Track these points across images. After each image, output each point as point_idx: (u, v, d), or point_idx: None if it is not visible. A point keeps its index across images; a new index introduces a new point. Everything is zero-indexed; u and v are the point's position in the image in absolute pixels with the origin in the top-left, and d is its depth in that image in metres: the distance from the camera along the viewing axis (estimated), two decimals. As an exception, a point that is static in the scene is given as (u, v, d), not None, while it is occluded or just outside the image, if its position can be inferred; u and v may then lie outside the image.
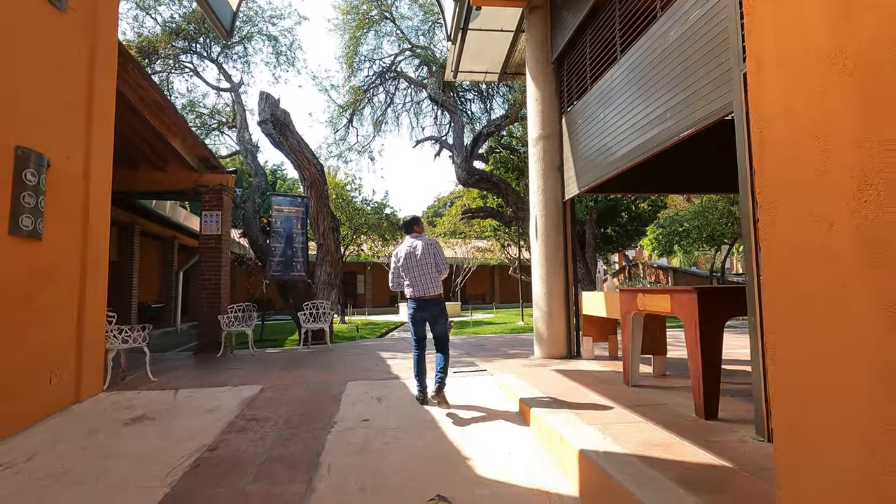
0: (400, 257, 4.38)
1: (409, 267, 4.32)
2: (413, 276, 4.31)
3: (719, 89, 3.29)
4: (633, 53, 4.65)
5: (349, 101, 14.97)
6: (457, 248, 27.30)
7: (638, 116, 4.58)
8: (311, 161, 9.23)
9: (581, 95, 6.05)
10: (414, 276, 4.31)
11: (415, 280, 4.31)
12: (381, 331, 13.91)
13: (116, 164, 8.10)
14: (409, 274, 4.32)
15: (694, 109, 3.62)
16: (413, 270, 4.31)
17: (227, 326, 7.70)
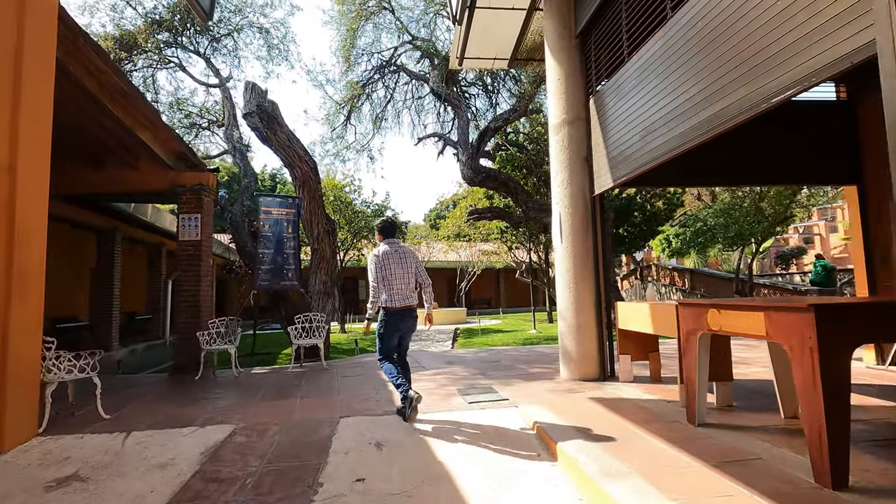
0: (384, 264, 4.14)
1: (395, 275, 4.14)
2: (399, 284, 4.14)
3: (851, 24, 2.35)
4: (695, 4, 3.72)
5: (347, 97, 14.09)
6: (461, 251, 26.37)
7: (702, 84, 3.66)
8: (302, 157, 8.33)
9: (613, 71, 5.13)
10: (399, 285, 4.14)
11: (400, 289, 4.14)
12: (373, 345, 12.96)
13: (78, 161, 7.24)
14: (395, 282, 4.13)
15: (803, 60, 2.68)
16: (399, 279, 4.14)
17: (208, 344, 6.79)
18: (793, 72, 2.76)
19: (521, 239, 16.96)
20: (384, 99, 15.39)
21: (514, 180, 13.24)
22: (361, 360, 8.08)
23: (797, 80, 2.73)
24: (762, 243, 13.12)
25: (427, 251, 26.61)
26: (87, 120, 6.10)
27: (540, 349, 8.71)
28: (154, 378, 6.91)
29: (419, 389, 5.34)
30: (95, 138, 6.51)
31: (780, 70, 2.87)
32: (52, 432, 3.97)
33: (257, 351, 10.80)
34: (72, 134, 6.49)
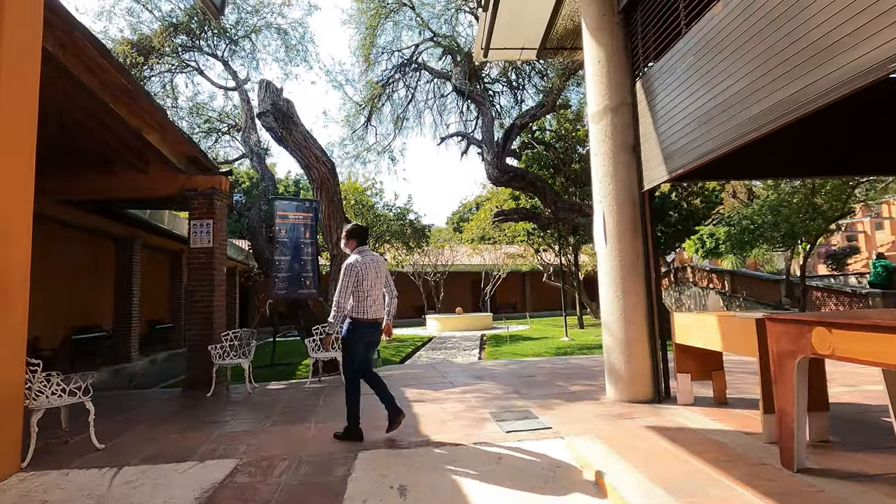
0: (362, 272, 3.90)
1: (371, 285, 3.94)
2: (375, 294, 3.96)
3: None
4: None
5: (367, 98, 13.67)
6: (485, 255, 25.72)
7: (794, 49, 2.98)
8: (319, 158, 7.88)
9: (665, 48, 4.47)
10: (374, 296, 3.96)
11: (374, 299, 3.96)
12: (407, 350, 12.45)
13: (87, 166, 6.91)
14: (370, 292, 3.93)
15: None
16: (374, 289, 3.96)
17: (220, 358, 6.35)
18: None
19: (549, 241, 16.24)
20: (405, 99, 14.94)
21: (543, 179, 12.57)
22: (383, 372, 7.53)
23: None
24: (815, 241, 12.09)
25: (451, 255, 26.07)
26: (91, 122, 5.76)
27: (576, 361, 8.01)
28: (165, 394, 6.51)
29: (447, 410, 4.78)
30: (102, 141, 6.17)
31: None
32: (37, 466, 3.53)
33: (277, 362, 10.39)
34: (77, 137, 6.17)
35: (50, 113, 5.61)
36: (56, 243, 10.71)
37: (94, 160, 6.72)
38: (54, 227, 10.16)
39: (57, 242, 10.72)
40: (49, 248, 10.60)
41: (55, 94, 5.20)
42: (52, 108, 5.50)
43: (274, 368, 9.80)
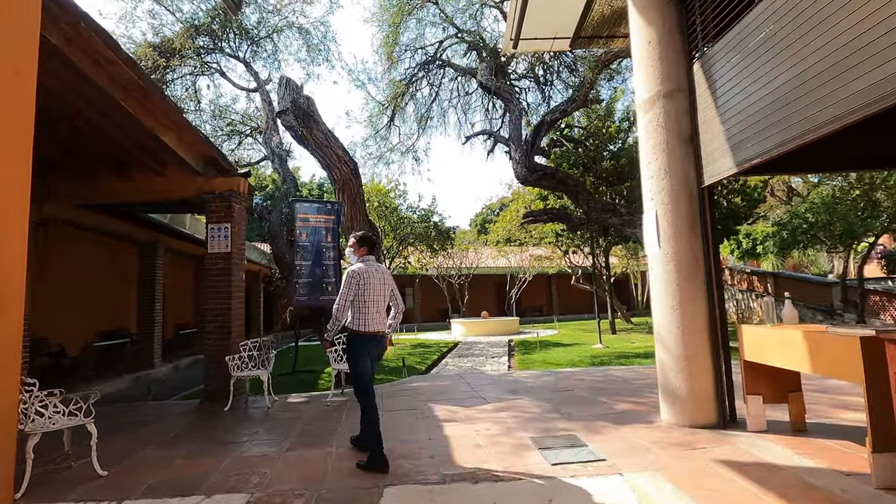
0: (366, 281, 3.73)
1: (374, 296, 3.77)
2: (376, 307, 3.78)
3: None
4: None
5: (390, 97, 13.31)
6: (511, 257, 25.13)
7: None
8: (341, 158, 7.50)
9: (730, 25, 3.90)
10: (379, 307, 3.82)
11: (376, 311, 3.79)
12: (432, 357, 12.00)
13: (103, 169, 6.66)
14: (371, 304, 3.76)
15: None
16: (376, 301, 3.79)
17: (238, 370, 6.01)
18: None
19: (580, 243, 15.59)
20: (429, 97, 14.53)
21: (574, 178, 11.97)
22: (409, 384, 7.10)
23: None
24: (876, 241, 11.16)
25: (475, 257, 25.57)
26: (105, 123, 5.48)
27: (616, 373, 7.41)
28: (182, 407, 6.21)
29: (482, 433, 4.30)
30: (117, 143, 5.90)
31: None
32: (32, 497, 3.19)
33: (299, 369, 10.08)
34: (91, 139, 5.93)
35: (60, 113, 5.37)
36: (79, 247, 10.66)
37: (109, 163, 6.49)
38: (77, 232, 10.09)
39: (80, 247, 10.66)
40: (72, 253, 10.55)
41: (64, 93, 4.94)
42: (63, 108, 5.25)
43: (296, 376, 9.48)
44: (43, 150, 6.21)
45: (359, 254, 3.94)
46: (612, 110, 15.56)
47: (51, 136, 5.82)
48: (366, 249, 3.95)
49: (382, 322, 3.85)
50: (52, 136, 5.81)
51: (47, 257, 9.99)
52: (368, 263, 3.86)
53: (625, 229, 11.68)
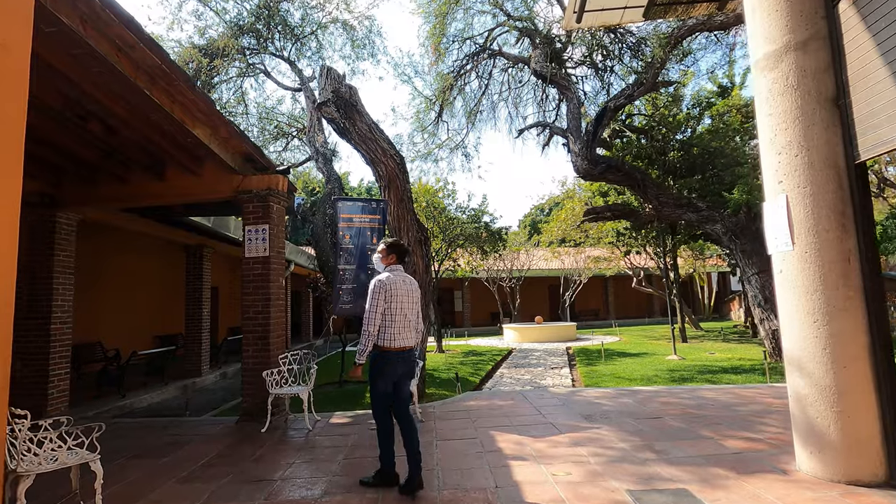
0: (392, 293, 3.49)
1: (401, 309, 3.50)
2: (402, 320, 3.50)
3: None
4: None
5: (438, 91, 12.62)
6: (565, 258, 23.86)
7: None
8: (386, 152, 6.84)
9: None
10: (403, 321, 3.51)
11: (402, 325, 3.50)
12: (486, 367, 11.15)
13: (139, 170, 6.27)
14: (398, 317, 3.48)
15: None
16: (403, 314, 3.51)
17: (277, 385, 5.44)
18: None
19: (645, 241, 14.26)
20: (478, 91, 13.74)
21: (642, 171, 10.80)
22: (464, 403, 6.30)
23: None
24: None
25: (526, 259, 24.49)
26: (135, 120, 5.06)
27: (707, 394, 6.29)
28: (218, 426, 5.70)
29: (560, 480, 3.43)
30: (150, 141, 5.49)
31: None
32: (20, 554, 2.64)
33: (346, 378, 9.52)
34: (123, 138, 5.54)
35: (89, 109, 4.99)
36: (129, 253, 10.63)
37: (144, 164, 6.12)
38: (125, 237, 10.03)
39: (130, 252, 10.64)
40: (123, 259, 10.52)
41: (88, 84, 4.52)
42: (90, 103, 4.85)
43: (343, 387, 8.92)
44: (81, 152, 5.94)
45: (387, 262, 3.72)
46: (680, 96, 14.16)
47: (84, 135, 5.48)
48: (395, 258, 3.72)
49: (410, 336, 3.58)
50: (85, 135, 5.48)
51: (99, 263, 10.01)
52: (396, 273, 3.64)
53: (702, 226, 10.39)
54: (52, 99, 4.72)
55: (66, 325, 6.44)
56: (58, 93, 4.71)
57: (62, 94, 4.78)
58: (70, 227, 6.56)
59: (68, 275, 6.50)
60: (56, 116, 5.03)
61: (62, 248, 6.42)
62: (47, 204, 6.28)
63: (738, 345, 13.46)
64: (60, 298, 6.35)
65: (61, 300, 6.36)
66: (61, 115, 5.02)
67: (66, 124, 5.20)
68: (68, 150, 5.74)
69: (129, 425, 5.87)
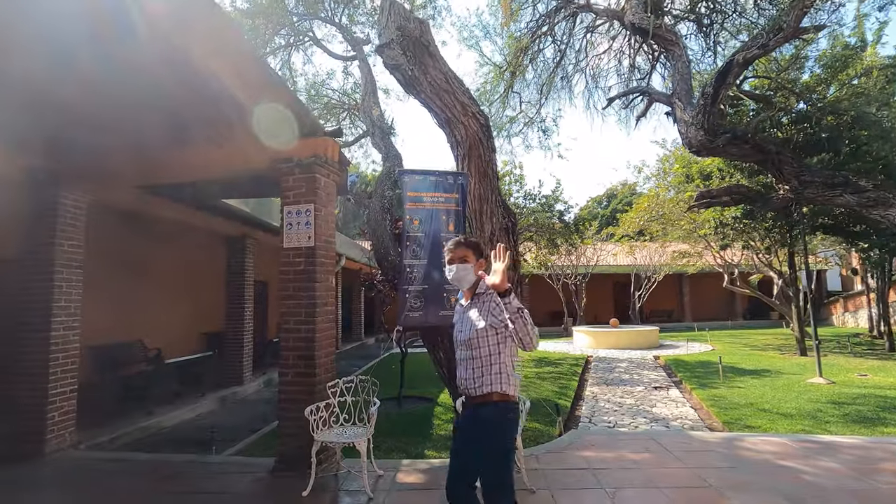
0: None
1: (457, 333, 2.53)
2: (460, 350, 2.47)
3: None
4: None
5: (510, 55, 10.79)
6: (639, 253, 21.41)
7: None
8: (466, 108, 5.15)
9: None
10: (461, 352, 2.48)
11: (462, 359, 2.46)
12: (568, 381, 9.28)
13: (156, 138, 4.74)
14: (456, 346, 2.52)
15: None
16: (462, 341, 2.46)
17: (325, 425, 3.90)
18: None
19: (765, 232, 11.83)
20: (554, 58, 11.77)
21: (777, 142, 8.55)
22: (579, 453, 4.53)
23: None
24: None
25: (594, 253, 22.20)
26: (137, 58, 3.61)
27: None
28: (245, 474, 4.21)
29: None
30: (162, 91, 4.06)
31: None
32: None
33: (406, 394, 7.98)
34: (132, 87, 4.13)
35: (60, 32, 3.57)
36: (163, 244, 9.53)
37: (160, 126, 4.71)
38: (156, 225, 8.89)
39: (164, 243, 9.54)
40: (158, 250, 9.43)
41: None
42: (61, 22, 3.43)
43: (402, 407, 7.38)
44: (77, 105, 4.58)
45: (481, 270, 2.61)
46: (801, 56, 11.57)
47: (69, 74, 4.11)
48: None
49: (479, 379, 2.43)
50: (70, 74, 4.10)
51: (136, 255, 8.96)
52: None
53: (868, 211, 8.01)
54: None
55: (73, 330, 5.19)
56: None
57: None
58: (77, 211, 5.30)
59: (75, 269, 5.24)
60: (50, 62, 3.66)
61: (67, 237, 5.16)
62: (46, 182, 5.03)
63: (881, 361, 10.86)
64: (65, 298, 5.10)
65: (65, 300, 5.10)
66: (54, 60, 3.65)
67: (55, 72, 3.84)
68: (56, 97, 4.39)
69: (130, 467, 4.51)
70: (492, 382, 2.32)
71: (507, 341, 2.37)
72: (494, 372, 2.33)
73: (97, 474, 4.29)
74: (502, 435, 2.30)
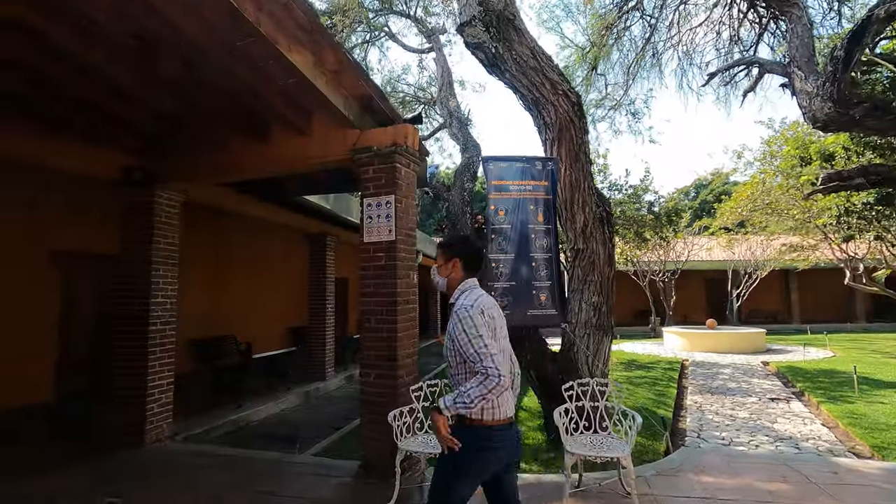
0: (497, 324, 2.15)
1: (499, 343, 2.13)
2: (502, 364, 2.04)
3: None
4: None
5: (594, 34, 10.03)
6: (739, 247, 19.41)
7: None
8: (556, 86, 4.66)
9: None
10: (513, 373, 2.34)
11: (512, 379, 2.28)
12: (667, 389, 8.43)
13: (235, 133, 4.64)
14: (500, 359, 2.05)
15: None
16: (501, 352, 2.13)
17: (409, 432, 3.63)
18: None
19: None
20: (645, 30, 10.79)
21: (930, 110, 7.09)
22: (694, 477, 3.90)
23: None
24: None
25: (684, 248, 20.39)
26: (221, 54, 3.53)
27: None
28: (330, 478, 4.05)
29: None
30: (243, 85, 3.99)
31: None
32: None
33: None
34: (211, 84, 4.10)
35: (156, 33, 3.56)
36: (249, 242, 9.89)
37: (242, 121, 4.70)
38: (241, 223, 9.22)
39: (250, 241, 9.89)
40: (245, 249, 9.80)
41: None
42: (155, 23, 3.40)
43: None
44: (164, 104, 4.63)
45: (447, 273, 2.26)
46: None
47: (157, 75, 4.14)
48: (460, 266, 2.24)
49: (512, 399, 2.19)
50: (159, 75, 4.13)
51: (227, 253, 9.37)
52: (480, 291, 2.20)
53: None
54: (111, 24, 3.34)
55: (169, 325, 5.37)
56: (115, 14, 3.31)
57: (120, 15, 3.39)
58: (172, 210, 5.48)
59: (171, 266, 5.43)
60: (120, 48, 3.70)
61: (163, 235, 5.35)
62: (141, 182, 5.23)
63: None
64: (161, 294, 5.29)
65: (162, 296, 5.29)
66: (122, 45, 3.68)
67: (135, 64, 3.88)
68: (151, 104, 4.48)
69: (219, 462, 4.52)
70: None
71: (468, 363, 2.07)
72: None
73: (188, 468, 4.35)
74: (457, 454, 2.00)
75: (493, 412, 2.06)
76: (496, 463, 2.09)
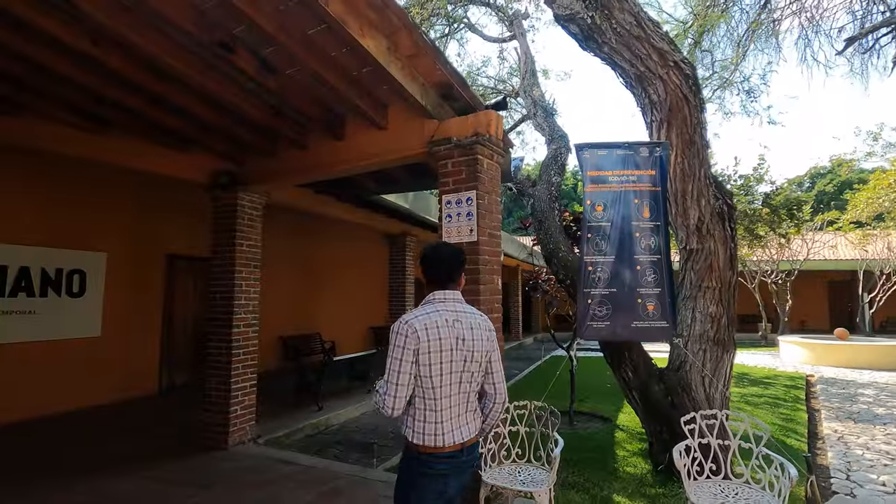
0: (429, 344, 1.77)
1: (446, 370, 1.80)
2: (455, 393, 1.83)
3: None
4: None
5: (699, 4, 8.90)
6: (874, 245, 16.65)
7: None
8: (665, 57, 3.95)
9: None
10: (457, 395, 1.84)
11: (458, 403, 1.84)
12: (794, 413, 7.19)
13: (310, 129, 4.42)
14: (449, 388, 1.81)
15: None
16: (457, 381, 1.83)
17: (493, 466, 3.16)
18: None
19: None
20: (755, 3, 9.41)
21: None
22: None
23: None
24: None
25: (802, 245, 17.89)
26: (293, 45, 3.30)
27: None
28: None
29: None
30: (315, 76, 3.76)
31: None
32: None
33: (577, 409, 6.94)
34: (285, 76, 3.92)
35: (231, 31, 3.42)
36: (338, 244, 9.96)
37: (319, 118, 4.51)
38: (325, 224, 9.28)
39: (339, 243, 9.96)
40: (328, 249, 9.89)
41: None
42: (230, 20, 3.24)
43: (574, 425, 6.37)
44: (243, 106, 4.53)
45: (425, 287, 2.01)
46: None
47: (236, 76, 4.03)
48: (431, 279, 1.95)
49: (467, 425, 1.86)
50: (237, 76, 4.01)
51: (311, 253, 9.53)
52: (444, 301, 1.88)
53: None
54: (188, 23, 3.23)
55: (252, 327, 5.37)
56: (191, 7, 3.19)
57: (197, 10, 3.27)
58: (255, 212, 5.48)
59: (253, 268, 5.43)
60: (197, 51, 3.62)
61: (246, 237, 5.36)
62: (226, 184, 5.26)
63: None
64: (244, 296, 5.30)
65: (245, 298, 5.29)
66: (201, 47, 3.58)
67: (212, 62, 3.78)
68: (232, 105, 4.42)
69: (297, 472, 4.36)
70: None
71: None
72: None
73: (266, 476, 4.24)
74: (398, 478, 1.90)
75: (435, 440, 1.80)
76: (434, 494, 1.82)
